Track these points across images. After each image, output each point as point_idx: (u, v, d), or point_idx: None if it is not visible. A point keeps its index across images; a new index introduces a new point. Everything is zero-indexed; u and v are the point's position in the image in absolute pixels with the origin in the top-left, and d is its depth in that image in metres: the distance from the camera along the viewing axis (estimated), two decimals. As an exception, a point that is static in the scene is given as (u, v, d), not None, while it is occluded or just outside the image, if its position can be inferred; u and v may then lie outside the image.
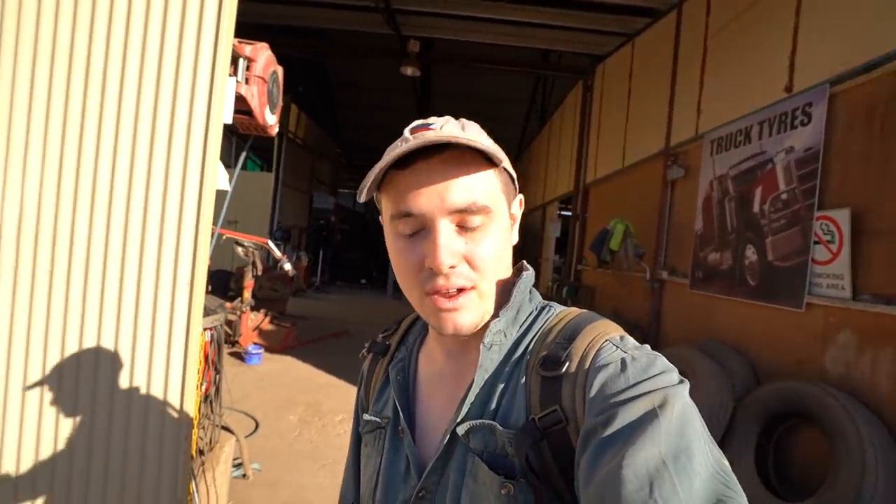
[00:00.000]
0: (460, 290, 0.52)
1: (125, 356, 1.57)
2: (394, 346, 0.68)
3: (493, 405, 0.53)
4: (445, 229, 0.50)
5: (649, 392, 0.44)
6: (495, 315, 0.55)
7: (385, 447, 0.60)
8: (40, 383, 1.55)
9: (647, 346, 0.51)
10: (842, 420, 2.25)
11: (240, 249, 4.84)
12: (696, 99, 4.21)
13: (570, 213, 8.07)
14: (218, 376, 2.01)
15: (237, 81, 1.92)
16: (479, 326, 0.54)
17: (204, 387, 1.90)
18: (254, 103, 2.01)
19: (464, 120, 0.57)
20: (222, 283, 6.73)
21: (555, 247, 9.61)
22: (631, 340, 0.51)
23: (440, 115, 0.59)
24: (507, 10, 5.76)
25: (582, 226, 7.28)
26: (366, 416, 0.65)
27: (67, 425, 1.56)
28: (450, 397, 0.57)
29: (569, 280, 7.28)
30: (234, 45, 1.91)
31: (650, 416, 0.42)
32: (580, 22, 5.84)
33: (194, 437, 1.80)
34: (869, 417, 2.24)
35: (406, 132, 0.53)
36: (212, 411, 1.99)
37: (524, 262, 0.61)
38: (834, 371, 2.59)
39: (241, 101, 1.98)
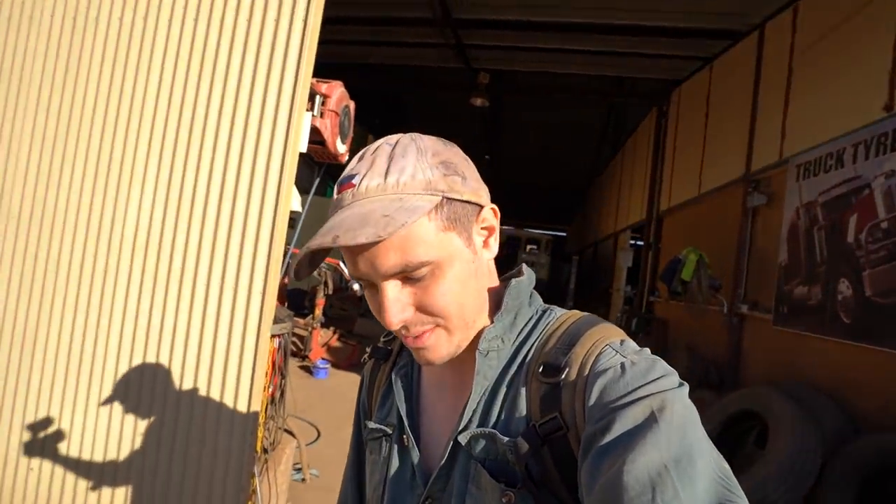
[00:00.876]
0: (423, 332, 0.51)
1: (206, 355, 1.78)
2: (395, 350, 0.68)
3: (495, 413, 0.52)
4: (390, 288, 0.49)
5: (648, 396, 0.43)
6: (491, 322, 0.55)
7: (390, 455, 0.60)
8: (138, 379, 1.80)
9: (647, 350, 0.50)
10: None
11: (314, 269, 5.20)
12: (780, 122, 3.94)
13: (641, 243, 7.72)
14: (283, 381, 2.19)
15: (313, 115, 2.15)
16: (457, 353, 0.54)
17: (270, 390, 2.07)
18: (326, 134, 2.23)
19: (398, 145, 0.52)
20: (298, 301, 7.22)
21: (626, 277, 9.19)
22: (631, 345, 0.51)
23: (510, 144, 0.55)
24: (577, 40, 5.80)
25: (654, 255, 6.93)
26: (370, 424, 0.64)
27: (154, 416, 1.79)
28: (452, 405, 0.57)
29: (640, 311, 6.91)
30: (311, 84, 2.16)
31: (650, 421, 0.41)
32: (654, 48, 5.72)
33: (260, 435, 1.97)
34: None
35: (335, 189, 0.52)
36: (276, 414, 2.16)
37: (523, 265, 0.60)
38: (951, 427, 2.23)
39: (315, 132, 2.21)
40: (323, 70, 2.05)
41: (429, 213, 0.49)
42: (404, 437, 0.59)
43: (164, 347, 1.80)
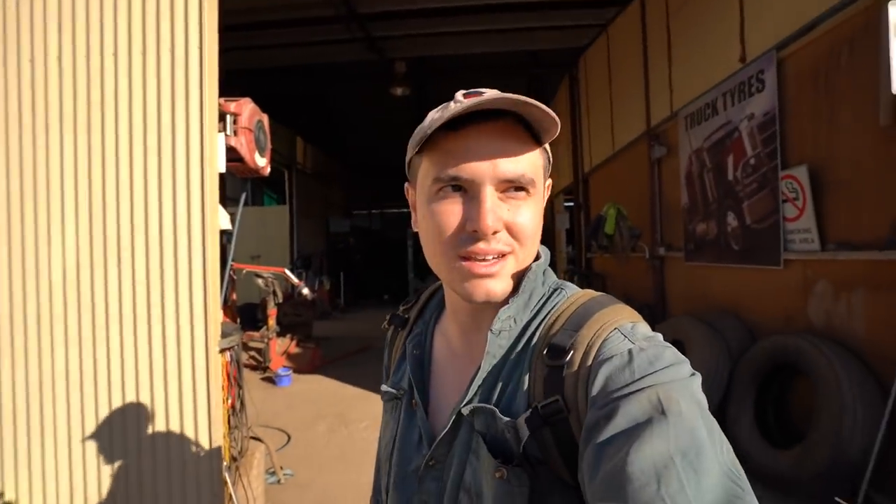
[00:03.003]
0: (500, 256, 0.52)
1: (158, 383, 1.87)
2: (412, 318, 0.70)
3: (498, 391, 0.53)
4: (491, 194, 0.50)
5: (656, 385, 0.43)
6: (505, 301, 0.55)
7: (401, 417, 0.63)
8: (94, 418, 1.87)
9: (659, 336, 0.50)
10: (820, 364, 2.37)
11: (259, 281, 5.20)
12: (667, 78, 4.36)
13: (573, 204, 8.20)
14: (241, 391, 2.30)
15: (227, 135, 2.22)
16: (507, 295, 0.54)
17: (229, 401, 2.18)
18: (243, 151, 2.31)
19: None
20: (250, 316, 7.14)
21: (567, 238, 9.71)
22: (641, 329, 0.50)
23: None
24: (486, 20, 6.00)
25: (586, 215, 7.40)
26: (384, 387, 0.68)
27: (118, 448, 1.86)
28: (460, 376, 0.58)
29: (580, 269, 7.40)
30: (220, 104, 2.23)
31: (657, 411, 0.41)
32: (558, 20, 6.04)
33: (226, 445, 2.09)
34: (847, 359, 2.35)
35: (458, 95, 0.52)
36: (240, 423, 2.28)
37: (540, 247, 0.60)
38: (817, 320, 2.70)
39: (232, 151, 2.29)
40: (237, 76, 2.12)
41: (539, 148, 0.54)
42: (413, 401, 0.61)
43: (115, 382, 1.87)
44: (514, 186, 0.51)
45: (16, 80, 1.88)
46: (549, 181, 0.60)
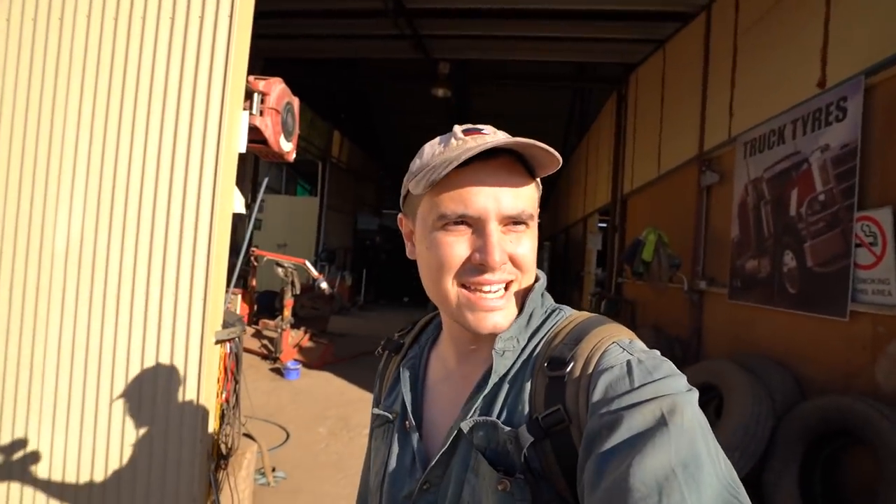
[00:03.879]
0: (507, 285, 0.55)
1: (149, 366, 1.74)
2: (407, 344, 0.70)
3: (499, 404, 0.54)
4: (496, 230, 0.53)
5: (657, 398, 0.43)
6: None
7: (392, 441, 0.62)
8: (80, 395, 1.75)
9: (656, 351, 0.51)
10: (886, 435, 2.04)
11: (280, 270, 5.13)
12: (727, 101, 4.05)
13: (607, 225, 7.87)
14: (237, 386, 2.15)
15: (251, 114, 2.09)
16: (510, 322, 0.56)
17: (223, 396, 2.03)
18: (268, 133, 2.17)
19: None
20: (269, 304, 7.10)
21: (597, 259, 9.35)
22: (639, 344, 0.51)
23: None
24: (535, 27, 5.82)
25: (621, 237, 7.06)
26: (375, 411, 0.68)
27: (100, 431, 1.73)
28: (456, 396, 0.58)
29: (609, 294, 7.06)
30: (248, 82, 2.10)
31: (659, 424, 0.41)
32: (611, 32, 5.79)
33: (214, 443, 1.94)
34: (923, 437, 2.02)
35: (458, 131, 0.55)
36: (232, 419, 2.12)
37: (538, 270, 0.62)
38: (885, 384, 2.36)
39: (256, 131, 2.16)
40: (280, 65, 2.00)
41: (534, 183, 0.58)
42: (406, 422, 0.61)
43: (106, 361, 1.75)
44: (514, 221, 0.54)
45: (43, 35, 1.80)
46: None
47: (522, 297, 0.58)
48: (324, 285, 5.21)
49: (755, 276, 3.46)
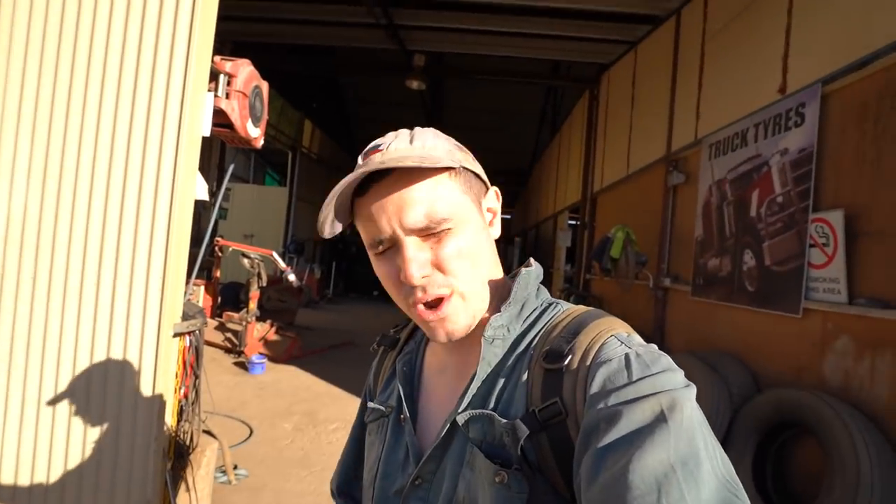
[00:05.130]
0: (440, 300, 0.52)
1: (100, 359, 1.64)
2: (403, 339, 0.70)
3: (494, 397, 0.53)
4: (411, 244, 0.52)
5: (656, 393, 0.43)
6: (497, 310, 0.56)
7: (387, 435, 0.61)
8: (19, 390, 1.63)
9: (654, 346, 0.51)
10: (837, 430, 2.15)
11: (246, 261, 4.96)
12: (695, 103, 4.16)
13: (577, 222, 8.01)
14: (197, 381, 2.06)
15: (216, 96, 2.00)
16: (473, 327, 0.55)
17: (182, 391, 1.95)
18: (234, 117, 2.08)
19: (416, 129, 0.58)
20: (233, 295, 6.88)
21: (566, 256, 9.52)
22: (637, 338, 0.51)
23: (452, 127, 0.60)
24: (512, 22, 5.82)
25: (590, 235, 7.20)
26: (370, 405, 0.67)
27: (43, 430, 1.62)
28: (452, 389, 0.58)
29: (577, 290, 7.19)
30: (214, 63, 2.00)
31: (659, 420, 0.41)
32: (585, 31, 5.85)
33: (171, 441, 1.85)
34: (867, 427, 2.14)
35: (360, 158, 0.56)
36: (192, 416, 2.04)
37: (531, 259, 0.62)
38: (833, 379, 2.49)
39: (221, 115, 2.06)
40: (249, 49, 1.90)
41: (450, 173, 0.54)
42: (401, 416, 0.60)
43: (50, 352, 1.63)
44: (430, 231, 0.52)
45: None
46: (495, 189, 0.62)
47: (509, 285, 0.58)
48: (291, 277, 5.08)
49: (716, 274, 3.59)
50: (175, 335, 1.73)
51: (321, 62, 8.01)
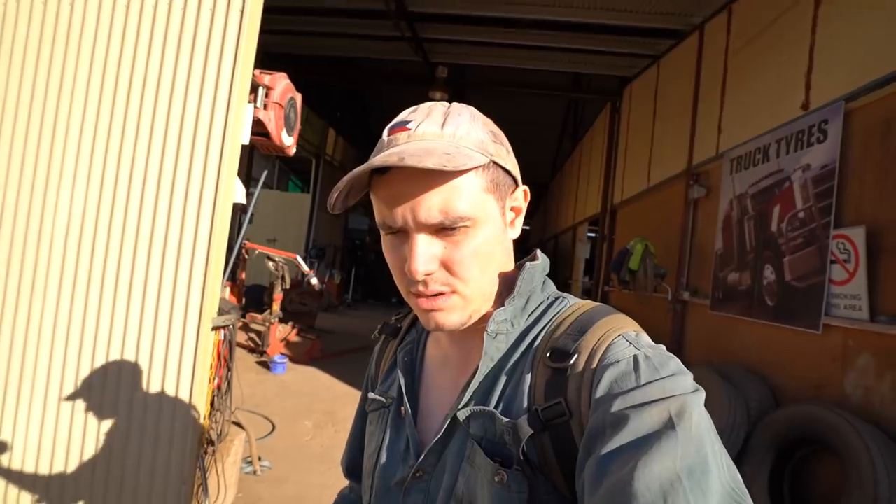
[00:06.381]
0: (439, 294, 0.51)
1: (145, 350, 1.77)
2: (404, 328, 0.69)
3: (497, 394, 0.52)
4: (421, 239, 0.49)
5: (665, 399, 0.42)
6: (501, 304, 0.54)
7: (387, 427, 0.61)
8: (74, 376, 1.77)
9: (663, 347, 0.49)
10: (854, 447, 2.14)
11: (270, 264, 5.13)
12: (717, 118, 4.18)
13: (596, 234, 8.00)
14: (229, 373, 2.18)
15: (255, 107, 2.14)
16: (467, 325, 0.54)
17: (216, 382, 2.06)
18: (271, 126, 2.22)
19: (453, 106, 0.55)
20: (257, 297, 7.07)
21: (584, 268, 9.48)
22: (646, 338, 0.50)
23: None
24: (534, 36, 5.92)
25: (609, 247, 7.19)
26: (371, 395, 0.66)
27: (92, 410, 1.75)
28: (454, 382, 0.57)
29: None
30: (254, 76, 2.14)
31: (667, 427, 0.40)
32: (608, 45, 5.91)
33: (205, 427, 1.96)
34: (886, 446, 2.12)
35: (385, 132, 0.52)
36: (223, 405, 2.15)
37: (537, 251, 0.59)
38: (853, 395, 2.47)
39: (259, 124, 2.20)
40: (279, 60, 2.04)
41: (477, 170, 0.50)
42: (402, 408, 0.59)
43: (102, 340, 1.77)
44: (443, 227, 0.49)
45: (54, 16, 1.82)
46: (524, 188, 0.58)
47: (513, 279, 0.56)
48: (314, 280, 5.23)
49: (736, 289, 3.57)
50: (213, 329, 1.85)
51: (347, 73, 8.25)
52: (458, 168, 0.46)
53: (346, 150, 13.01)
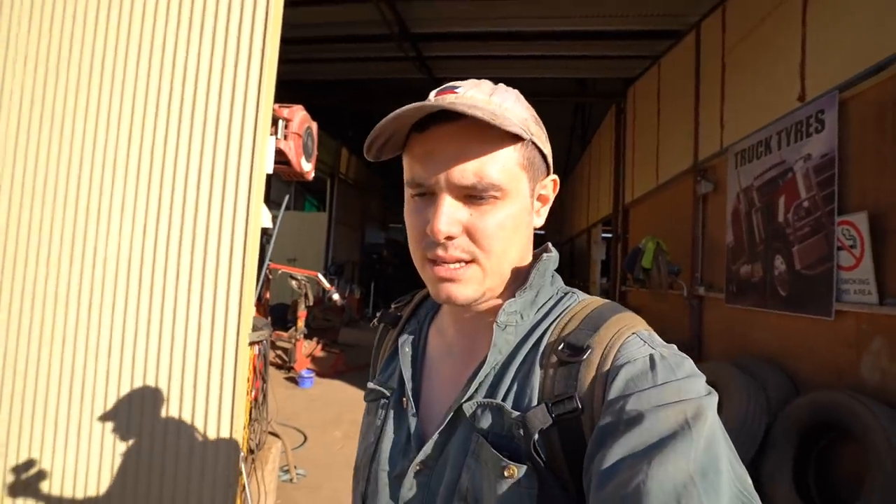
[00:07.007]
0: (459, 262, 0.50)
1: (189, 365, 1.94)
2: (405, 317, 0.67)
3: (505, 387, 0.51)
4: (448, 200, 0.49)
5: (681, 401, 0.42)
6: (511, 295, 0.54)
7: (387, 418, 0.59)
8: (128, 390, 1.95)
9: (675, 346, 0.49)
10: (873, 430, 2.18)
11: (294, 283, 5.34)
12: (718, 113, 4.25)
13: (610, 235, 8.04)
14: (265, 385, 2.34)
15: (277, 139, 2.32)
16: (479, 302, 0.53)
17: (252, 393, 2.23)
18: (291, 155, 2.41)
19: (500, 85, 0.55)
20: (281, 316, 7.31)
21: (601, 270, 9.50)
22: (658, 337, 0.50)
23: None
24: (535, 47, 6.08)
25: (623, 247, 7.22)
26: (370, 385, 0.64)
27: (144, 422, 1.93)
28: (457, 374, 0.56)
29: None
30: (273, 109, 2.34)
31: (683, 428, 0.40)
32: (608, 49, 6.04)
33: (245, 436, 2.12)
34: (903, 425, 2.16)
35: (431, 94, 0.51)
36: (260, 416, 2.31)
37: (549, 244, 0.59)
38: (870, 379, 2.50)
39: (280, 154, 2.39)
40: (289, 88, 2.23)
41: (515, 144, 0.50)
42: (404, 399, 0.58)
43: (151, 360, 1.95)
44: (472, 194, 0.49)
45: (87, 67, 2.04)
46: (554, 177, 0.58)
47: (527, 271, 0.55)
48: (336, 297, 5.41)
49: (749, 281, 3.62)
50: (250, 344, 2.01)
51: (356, 95, 8.53)
52: (503, 126, 0.46)
53: (359, 167, 13.32)
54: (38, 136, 2.04)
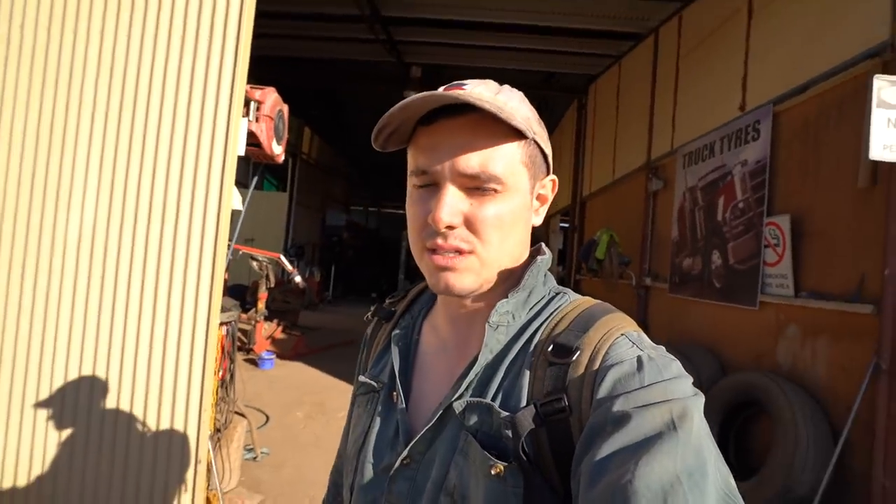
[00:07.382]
0: (458, 252, 0.51)
1: (158, 341, 1.96)
2: (399, 312, 0.68)
3: (495, 386, 0.51)
4: (452, 190, 0.50)
5: (667, 401, 0.42)
6: (504, 295, 0.54)
7: (377, 411, 0.60)
8: (104, 365, 1.95)
9: (663, 348, 0.50)
10: (780, 402, 2.51)
11: (254, 264, 5.27)
12: (671, 116, 4.54)
13: (568, 226, 8.37)
14: (232, 365, 2.39)
15: (249, 121, 2.33)
16: (476, 293, 0.54)
17: (220, 373, 2.27)
18: (262, 137, 2.42)
19: (506, 86, 0.56)
20: (239, 296, 7.18)
21: (558, 258, 9.89)
22: (647, 339, 0.51)
23: None
24: (505, 38, 6.18)
25: (580, 237, 7.56)
26: (361, 378, 0.65)
27: (112, 396, 1.95)
28: (449, 371, 0.56)
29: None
30: (246, 91, 2.34)
31: (669, 428, 0.40)
32: (574, 46, 6.23)
33: (212, 415, 2.18)
34: (806, 399, 2.50)
35: (439, 90, 0.52)
36: (227, 396, 2.36)
37: (542, 244, 0.60)
38: (784, 362, 2.85)
39: (252, 136, 2.39)
40: (256, 63, 2.22)
41: (518, 142, 0.52)
42: (394, 393, 0.59)
43: (116, 341, 1.95)
44: (475, 185, 0.50)
45: (43, 47, 1.98)
46: (553, 178, 0.60)
47: (521, 271, 0.56)
48: (297, 279, 5.40)
49: (690, 273, 3.95)
50: (220, 324, 2.05)
51: (323, 74, 8.35)
52: (509, 121, 0.48)
53: (322, 147, 13.06)
54: (-6, 106, 1.97)
